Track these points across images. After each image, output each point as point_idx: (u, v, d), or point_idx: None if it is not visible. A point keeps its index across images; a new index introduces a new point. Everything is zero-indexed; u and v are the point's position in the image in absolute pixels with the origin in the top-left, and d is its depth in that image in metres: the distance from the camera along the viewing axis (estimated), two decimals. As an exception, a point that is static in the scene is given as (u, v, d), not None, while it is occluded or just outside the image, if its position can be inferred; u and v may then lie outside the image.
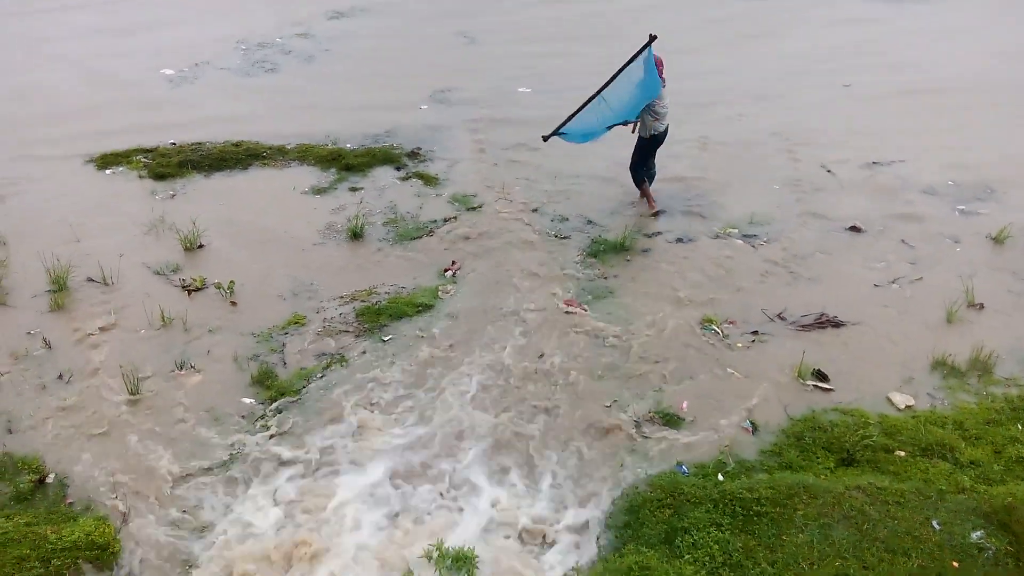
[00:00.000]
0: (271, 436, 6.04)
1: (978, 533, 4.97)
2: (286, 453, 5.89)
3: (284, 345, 7.00)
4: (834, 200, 9.48)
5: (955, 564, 4.78)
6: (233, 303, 7.52)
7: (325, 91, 12.80)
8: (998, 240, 8.57)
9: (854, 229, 8.84)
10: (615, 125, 8.58)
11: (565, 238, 8.75)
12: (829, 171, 10.14)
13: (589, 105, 8.23)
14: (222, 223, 8.81)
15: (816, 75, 13.58)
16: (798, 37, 15.70)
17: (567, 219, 9.13)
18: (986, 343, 6.83)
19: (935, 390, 6.50)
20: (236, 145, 10.67)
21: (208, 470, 5.76)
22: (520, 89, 12.77)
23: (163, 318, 7.18)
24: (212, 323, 7.25)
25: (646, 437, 6.07)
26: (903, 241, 8.63)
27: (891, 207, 9.30)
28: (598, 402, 6.42)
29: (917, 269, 8.09)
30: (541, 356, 6.91)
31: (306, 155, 10.46)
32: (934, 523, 5.05)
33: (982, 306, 7.50)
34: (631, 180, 9.38)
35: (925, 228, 8.85)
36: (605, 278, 8.03)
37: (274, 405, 6.34)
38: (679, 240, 8.69)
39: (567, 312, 7.47)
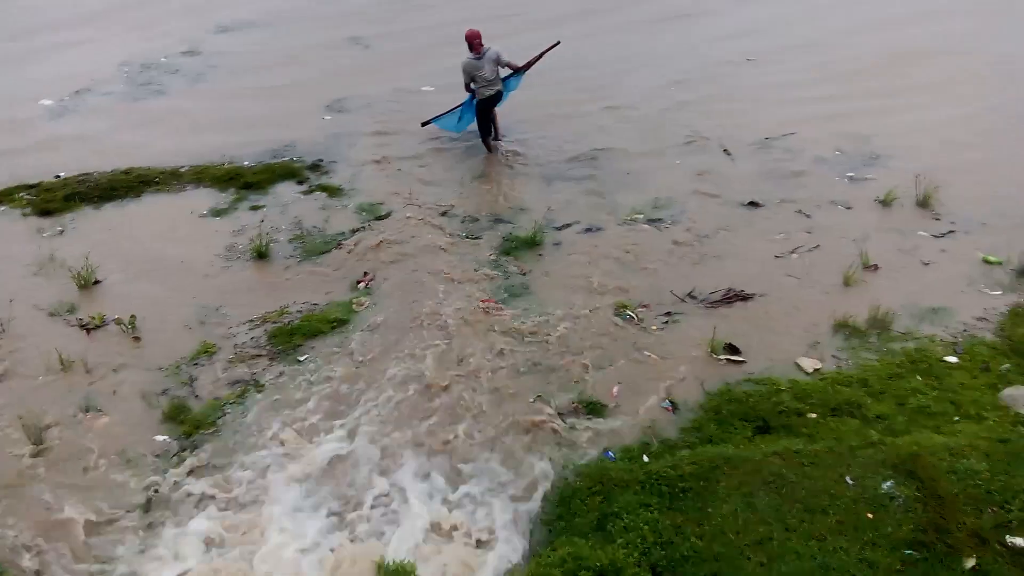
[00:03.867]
0: (189, 472, 5.82)
1: (888, 483, 5.23)
2: (207, 488, 5.69)
3: (194, 377, 6.75)
4: (732, 177, 9.80)
5: (870, 515, 5.01)
6: (136, 338, 7.21)
7: (217, 109, 12.39)
8: (886, 202, 9.03)
9: (752, 204, 9.16)
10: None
11: (477, 238, 8.75)
12: (726, 151, 10.47)
13: (465, 101, 10.32)
14: (117, 256, 8.42)
15: (720, 51, 14.04)
16: (710, 14, 16.18)
17: (477, 219, 9.13)
18: (882, 302, 7.18)
19: (839, 351, 6.80)
20: (126, 173, 10.22)
21: (125, 515, 5.50)
22: (424, 87, 12.67)
23: (62, 361, 6.81)
24: (115, 361, 6.93)
25: (572, 428, 6.15)
26: (799, 211, 8.99)
27: (785, 180, 9.68)
28: (522, 399, 6.45)
29: (814, 237, 8.45)
30: (462, 359, 6.89)
31: (201, 177, 10.11)
32: (848, 479, 5.29)
33: (876, 267, 7.89)
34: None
35: (818, 197, 9.25)
36: (521, 274, 8.07)
37: (190, 440, 6.11)
38: (588, 230, 8.82)
39: (485, 312, 7.48)
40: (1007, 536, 4.79)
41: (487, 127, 10.77)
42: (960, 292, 7.52)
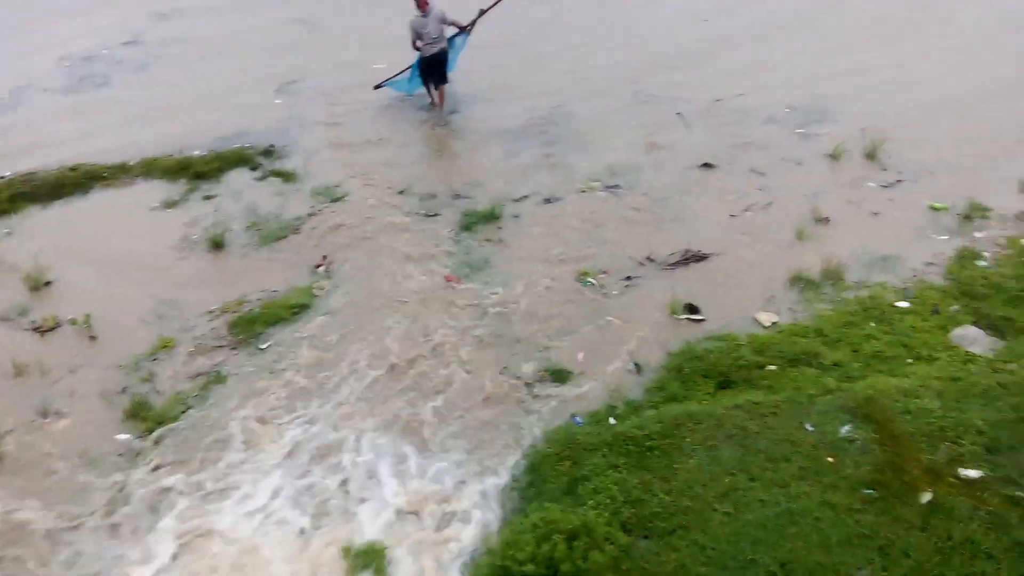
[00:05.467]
0: (154, 469, 5.76)
1: (846, 428, 5.38)
2: (173, 484, 5.62)
3: (154, 372, 6.65)
4: (685, 140, 9.89)
5: (830, 459, 5.16)
6: (92, 337, 7.08)
7: (163, 99, 12.11)
8: (835, 156, 9.20)
9: (706, 166, 9.26)
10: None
11: (435, 215, 8.72)
12: (679, 113, 10.54)
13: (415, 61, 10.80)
14: (69, 254, 8.24)
15: (672, 10, 14.08)
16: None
17: (435, 196, 9.09)
18: (834, 253, 7.35)
19: (795, 304, 6.95)
20: (73, 169, 9.96)
21: (90, 517, 5.43)
22: (375, 65, 12.50)
23: (15, 366, 6.68)
24: (72, 362, 6.80)
25: (539, 396, 6.21)
26: (752, 170, 9.10)
27: (737, 139, 9.79)
28: (489, 371, 6.49)
29: (767, 195, 8.58)
30: (426, 336, 6.90)
31: (151, 169, 9.90)
32: (807, 426, 5.43)
33: (828, 220, 8.05)
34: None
35: (770, 155, 9.38)
36: (481, 247, 8.08)
37: (153, 436, 6.02)
38: (547, 201, 8.84)
39: (447, 288, 7.48)
40: (960, 469, 4.98)
41: (431, 86, 11.11)
42: (909, 239, 7.71)
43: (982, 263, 7.26)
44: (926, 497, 4.78)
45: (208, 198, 9.23)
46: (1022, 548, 4.42)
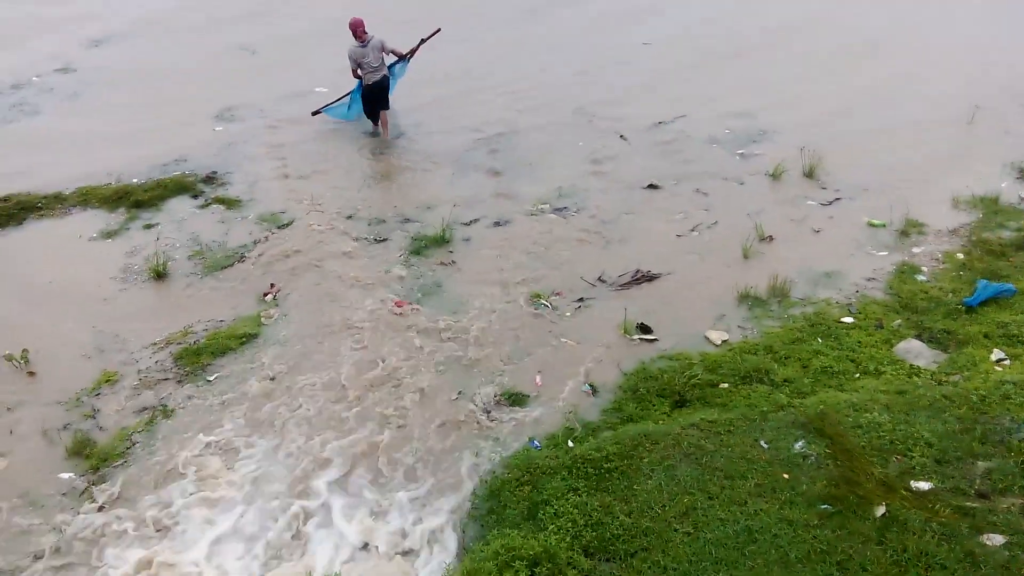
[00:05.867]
0: (100, 508, 5.52)
1: (800, 443, 5.48)
2: (121, 523, 5.40)
3: (97, 408, 6.39)
4: (630, 161, 10.06)
5: (785, 475, 5.24)
6: (31, 373, 6.77)
7: (99, 127, 11.73)
8: (775, 176, 9.46)
9: (652, 187, 9.41)
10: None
11: (384, 240, 8.64)
12: (623, 136, 10.71)
13: (355, 88, 10.91)
14: (2, 289, 7.88)
15: (616, 35, 14.34)
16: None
17: (384, 221, 9.02)
18: (780, 270, 7.53)
19: (744, 321, 7.08)
20: (4, 200, 9.55)
21: (33, 563, 5.16)
22: (318, 89, 12.39)
23: (-53, 407, 6.35)
24: (10, 400, 6.47)
25: (496, 421, 6.17)
26: (697, 190, 9.29)
27: (680, 161, 10.01)
28: (444, 397, 6.43)
29: (712, 214, 8.76)
30: (380, 363, 6.80)
31: (88, 198, 9.57)
32: (762, 443, 5.51)
33: (771, 238, 8.25)
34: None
35: (713, 176, 9.61)
36: (432, 272, 8.03)
37: (98, 474, 5.79)
38: (497, 224, 8.85)
39: (399, 314, 7.40)
40: (911, 481, 5.11)
41: (375, 113, 11.12)
42: (850, 255, 7.96)
43: (921, 277, 7.54)
44: (880, 511, 4.88)
45: (149, 227, 8.96)
46: (974, 558, 4.53)
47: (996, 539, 4.65)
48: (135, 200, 9.43)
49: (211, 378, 6.68)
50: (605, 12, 15.86)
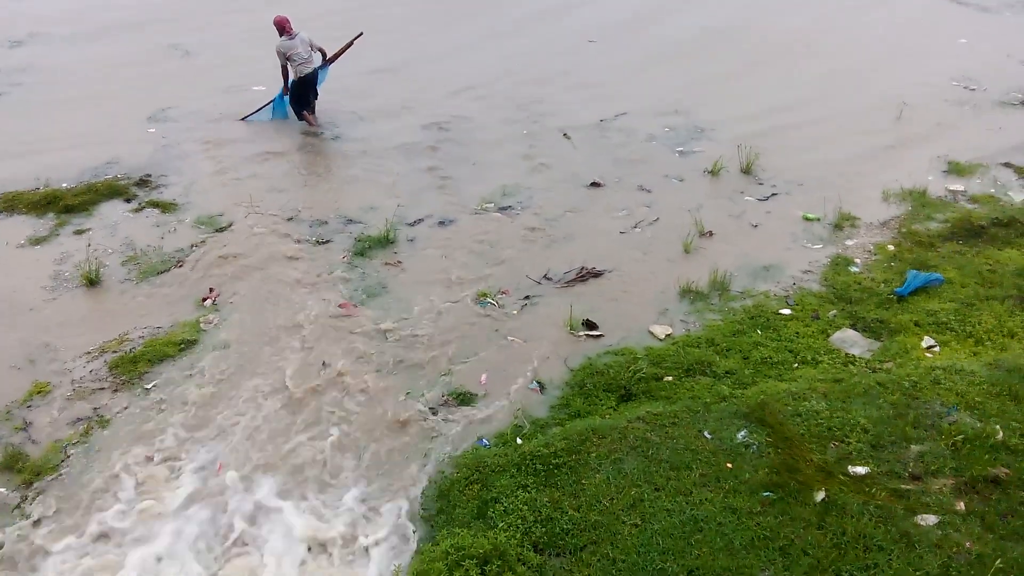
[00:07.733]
0: (34, 524, 5.30)
1: (742, 433, 5.60)
2: (57, 539, 5.20)
3: (29, 420, 6.14)
4: (573, 160, 10.14)
5: (729, 465, 5.35)
6: (-45, 387, 6.49)
7: (24, 130, 11.25)
8: (714, 173, 9.66)
9: (595, 184, 9.50)
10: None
11: (327, 242, 8.52)
12: (565, 134, 10.79)
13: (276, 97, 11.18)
14: (-78, 300, 7.53)
15: (562, 32, 14.44)
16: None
17: (326, 222, 8.89)
18: (720, 265, 7.68)
19: (686, 315, 7.21)
20: (-77, 207, 9.14)
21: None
22: (255, 87, 12.14)
23: None
24: (-67, 415, 6.20)
25: (445, 421, 6.14)
26: (639, 187, 9.42)
27: (622, 158, 10.13)
28: (392, 398, 6.37)
29: (653, 211, 8.90)
30: (325, 366, 6.70)
31: (14, 204, 9.17)
32: (706, 433, 5.62)
33: (711, 233, 8.41)
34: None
35: (654, 172, 9.76)
36: (377, 273, 7.95)
37: (32, 489, 5.56)
38: (441, 223, 8.82)
39: (343, 316, 7.31)
40: (849, 466, 5.27)
41: (308, 106, 11.11)
42: (787, 249, 8.17)
43: (854, 269, 7.79)
44: (820, 496, 5.02)
45: (80, 232, 8.64)
46: (909, 538, 4.71)
47: (929, 519, 4.84)
48: (65, 205, 9.08)
49: (148, 386, 6.48)
50: (549, 8, 15.96)
